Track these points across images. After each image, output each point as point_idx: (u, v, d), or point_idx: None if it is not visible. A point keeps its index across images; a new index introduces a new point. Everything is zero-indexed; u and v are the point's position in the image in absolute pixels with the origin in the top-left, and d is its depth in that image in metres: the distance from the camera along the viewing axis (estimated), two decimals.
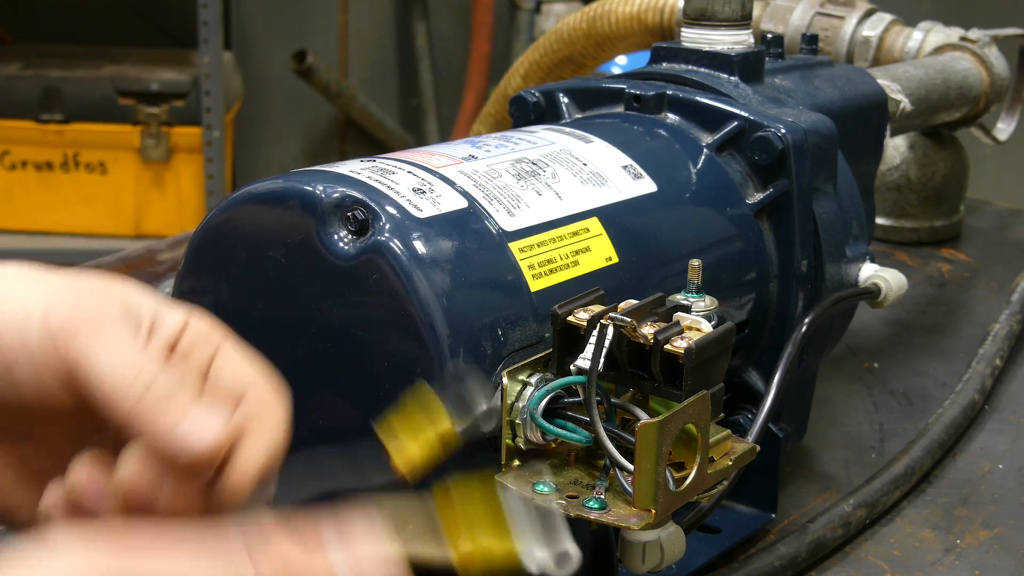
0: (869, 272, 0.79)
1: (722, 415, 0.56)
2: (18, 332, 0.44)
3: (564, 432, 0.54)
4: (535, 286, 0.58)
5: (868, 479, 0.80)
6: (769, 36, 0.86)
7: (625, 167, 0.69)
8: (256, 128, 3.20)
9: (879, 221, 1.28)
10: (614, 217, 0.65)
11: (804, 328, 0.72)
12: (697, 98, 0.75)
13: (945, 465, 0.87)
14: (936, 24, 1.23)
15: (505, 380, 0.55)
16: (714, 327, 0.55)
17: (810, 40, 0.92)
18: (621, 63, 2.07)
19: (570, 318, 0.56)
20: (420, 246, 0.55)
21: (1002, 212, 1.46)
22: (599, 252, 0.63)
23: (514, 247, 0.59)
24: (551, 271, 0.59)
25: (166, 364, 0.45)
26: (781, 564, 0.71)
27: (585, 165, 0.67)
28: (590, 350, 0.54)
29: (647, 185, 0.68)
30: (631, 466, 0.52)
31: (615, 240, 0.64)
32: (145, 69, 2.64)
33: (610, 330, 0.54)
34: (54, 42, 2.86)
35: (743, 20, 0.79)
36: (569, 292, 0.58)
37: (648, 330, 0.54)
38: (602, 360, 0.54)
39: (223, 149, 2.63)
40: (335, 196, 0.56)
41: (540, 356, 0.56)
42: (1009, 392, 0.99)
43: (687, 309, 0.58)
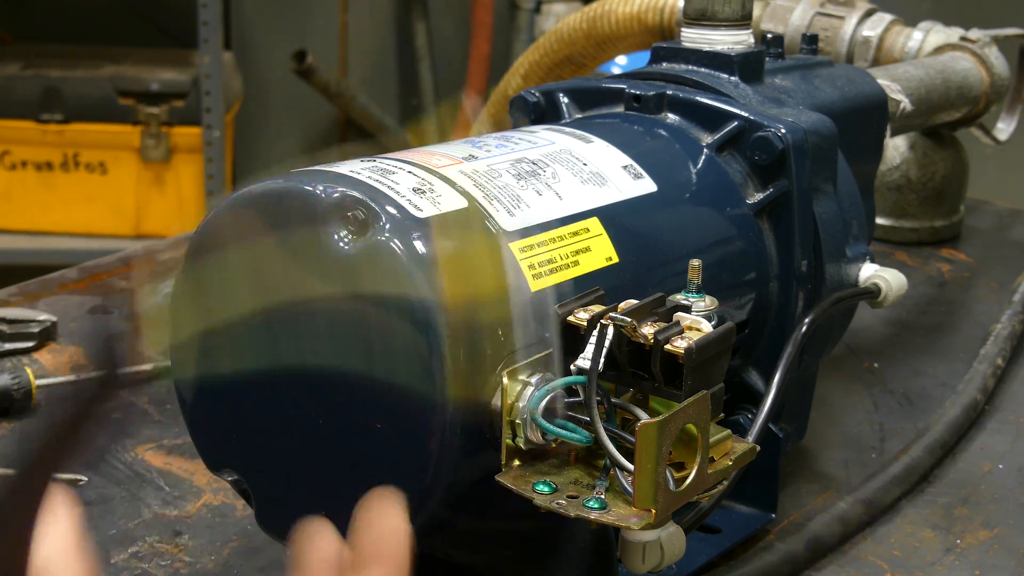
0: (869, 272, 0.79)
1: (722, 415, 0.56)
2: None
3: (564, 432, 0.54)
4: (535, 286, 0.58)
5: (867, 477, 0.80)
6: (769, 36, 0.86)
7: (625, 167, 0.68)
8: (256, 128, 3.19)
9: (879, 221, 1.28)
10: (614, 217, 0.65)
11: (804, 328, 0.72)
12: (697, 98, 0.75)
13: (945, 465, 0.87)
14: (936, 24, 1.23)
15: (505, 380, 0.55)
16: (714, 327, 0.55)
17: (810, 40, 0.92)
18: (621, 63, 2.07)
19: (570, 318, 0.56)
20: (420, 246, 0.55)
21: (1002, 212, 1.46)
22: (599, 252, 0.63)
23: (514, 247, 0.59)
24: (551, 271, 0.59)
25: None
26: (780, 561, 0.71)
27: (585, 165, 0.67)
28: (590, 350, 0.54)
29: (647, 185, 0.68)
30: (631, 466, 0.52)
31: (615, 240, 0.64)
32: (145, 69, 2.64)
33: (610, 330, 0.54)
34: (54, 42, 2.86)
35: (743, 20, 0.79)
36: (569, 292, 0.58)
37: (648, 330, 0.54)
38: (602, 360, 0.54)
39: (223, 149, 2.63)
40: (335, 196, 0.56)
41: (540, 356, 0.56)
42: (1009, 392, 0.99)
43: (687, 309, 0.58)
